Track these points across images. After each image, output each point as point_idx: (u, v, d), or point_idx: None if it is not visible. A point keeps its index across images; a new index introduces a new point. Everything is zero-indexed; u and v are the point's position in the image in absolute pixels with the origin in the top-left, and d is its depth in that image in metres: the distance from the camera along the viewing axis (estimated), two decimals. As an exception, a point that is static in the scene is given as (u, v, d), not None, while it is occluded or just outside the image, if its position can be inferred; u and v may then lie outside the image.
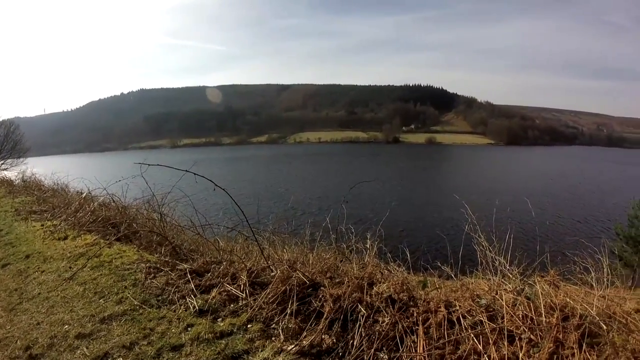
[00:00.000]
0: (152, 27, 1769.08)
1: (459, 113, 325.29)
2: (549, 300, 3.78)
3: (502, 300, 3.78)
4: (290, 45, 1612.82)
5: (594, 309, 3.90)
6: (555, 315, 3.58)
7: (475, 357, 3.24)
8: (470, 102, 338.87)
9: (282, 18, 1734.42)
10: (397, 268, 5.13)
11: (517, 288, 4.04)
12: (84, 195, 10.33)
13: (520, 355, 3.26)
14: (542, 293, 3.89)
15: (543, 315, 3.58)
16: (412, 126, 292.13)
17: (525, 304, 3.74)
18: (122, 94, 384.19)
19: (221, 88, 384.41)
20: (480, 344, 3.33)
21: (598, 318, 3.75)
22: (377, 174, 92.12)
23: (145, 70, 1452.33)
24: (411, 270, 5.45)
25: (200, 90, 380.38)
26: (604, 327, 3.68)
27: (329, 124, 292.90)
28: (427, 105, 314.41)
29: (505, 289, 4.03)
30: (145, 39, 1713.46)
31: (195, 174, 5.53)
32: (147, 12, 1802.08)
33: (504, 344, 3.36)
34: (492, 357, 3.23)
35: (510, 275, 4.42)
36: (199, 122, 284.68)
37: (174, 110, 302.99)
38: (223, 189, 5.25)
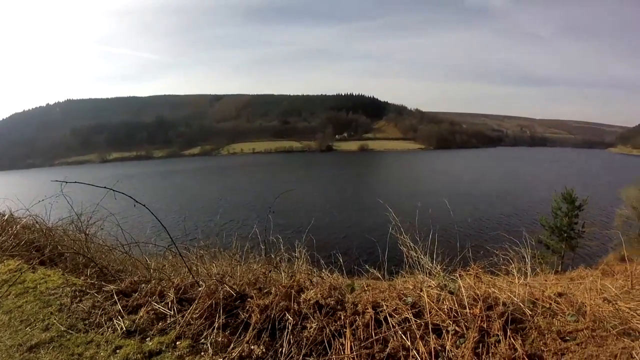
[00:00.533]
0: (81, 33, 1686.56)
1: (390, 120, 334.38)
2: (471, 293, 3.95)
3: (427, 296, 3.92)
4: (224, 54, 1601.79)
5: (518, 296, 4.13)
6: (478, 306, 3.73)
7: (404, 352, 3.34)
8: (400, 110, 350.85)
9: (217, 26, 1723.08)
10: (329, 274, 5.23)
11: (440, 284, 4.21)
12: (5, 217, 9.88)
13: (448, 346, 3.39)
14: (465, 286, 4.02)
15: (467, 307, 3.73)
16: (345, 134, 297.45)
17: (449, 298, 3.90)
18: (47, 104, 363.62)
19: (153, 98, 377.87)
20: (408, 340, 3.44)
21: (522, 305, 3.98)
22: (311, 182, 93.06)
23: (72, 79, 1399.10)
24: (344, 275, 5.56)
25: (131, 101, 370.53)
26: (529, 312, 3.91)
27: (263, 134, 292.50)
28: (359, 113, 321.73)
29: (429, 286, 4.18)
30: (73, 46, 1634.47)
31: (114, 190, 5.45)
32: (76, 17, 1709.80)
33: (431, 338, 3.48)
34: (420, 351, 3.34)
35: (434, 272, 4.61)
36: (129, 134, 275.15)
37: (103, 122, 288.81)
38: (143, 205, 5.16)
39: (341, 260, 5.85)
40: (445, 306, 3.81)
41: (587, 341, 3.75)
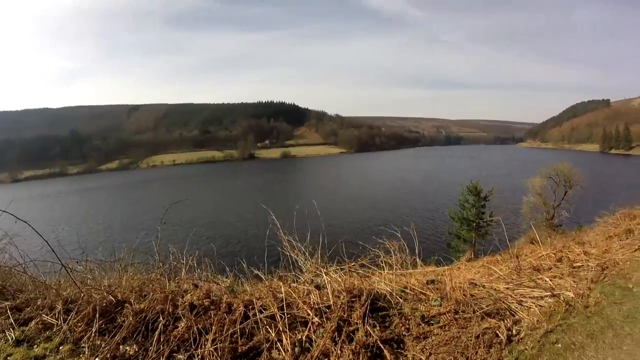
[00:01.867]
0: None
1: (311, 126, 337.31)
2: (337, 286, 4.30)
3: (295, 292, 4.31)
4: (142, 62, 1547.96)
5: (389, 286, 4.57)
6: (341, 298, 4.09)
7: (267, 344, 3.64)
8: (321, 116, 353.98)
9: (134, 32, 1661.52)
10: (216, 278, 5.57)
11: (309, 280, 4.63)
12: None
13: (313, 337, 3.70)
14: (332, 281, 4.43)
15: (331, 300, 4.09)
16: (267, 142, 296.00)
17: (316, 292, 4.26)
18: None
19: (66, 110, 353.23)
20: (273, 333, 3.73)
21: (390, 294, 4.40)
22: (229, 192, 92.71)
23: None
24: (239, 278, 6.01)
25: (44, 113, 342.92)
26: (397, 300, 4.34)
27: (183, 144, 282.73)
28: (281, 120, 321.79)
29: (301, 282, 4.60)
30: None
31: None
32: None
33: (298, 330, 3.81)
34: (284, 343, 3.62)
35: (306, 270, 5.02)
36: (42, 149, 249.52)
37: (12, 137, 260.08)
38: (25, 222, 5.42)
39: (236, 264, 6.28)
40: (312, 300, 4.17)
41: (450, 324, 4.13)
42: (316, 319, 3.91)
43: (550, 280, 5.59)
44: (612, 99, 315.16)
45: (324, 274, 4.63)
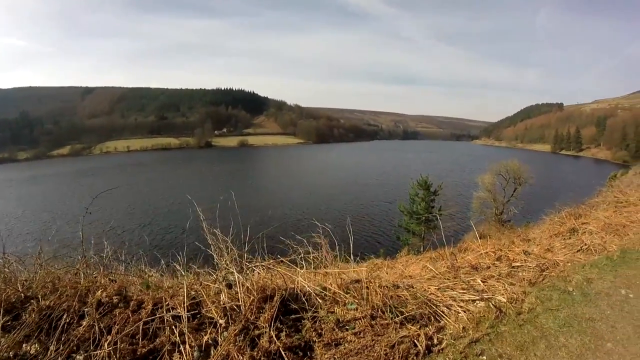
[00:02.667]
0: None
1: (270, 116, 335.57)
2: (248, 285, 4.14)
3: (206, 291, 4.14)
4: (98, 45, 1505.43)
5: (307, 285, 4.42)
6: (251, 299, 3.95)
7: (169, 347, 3.48)
8: (280, 105, 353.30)
9: (92, 13, 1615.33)
10: (146, 271, 5.47)
11: (219, 278, 4.42)
12: None
13: (219, 340, 3.54)
14: (245, 279, 4.29)
15: (240, 300, 3.93)
16: (225, 130, 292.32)
17: (226, 292, 4.09)
18: None
19: (16, 91, 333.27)
20: (176, 334, 3.58)
21: (312, 294, 4.28)
22: (182, 181, 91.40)
23: None
24: (163, 273, 5.68)
25: None
26: (310, 302, 4.21)
27: (139, 130, 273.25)
28: (239, 108, 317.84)
29: (213, 279, 4.44)
30: None
31: None
32: None
33: (204, 332, 3.65)
34: (187, 344, 3.49)
35: (222, 266, 4.76)
36: None
37: None
38: None
39: (171, 257, 5.97)
40: (222, 300, 3.99)
41: (365, 330, 3.96)
42: (222, 321, 3.79)
43: (485, 281, 5.45)
44: (565, 103, 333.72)
45: (235, 272, 4.39)
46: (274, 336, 3.59)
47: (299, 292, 4.34)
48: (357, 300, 4.37)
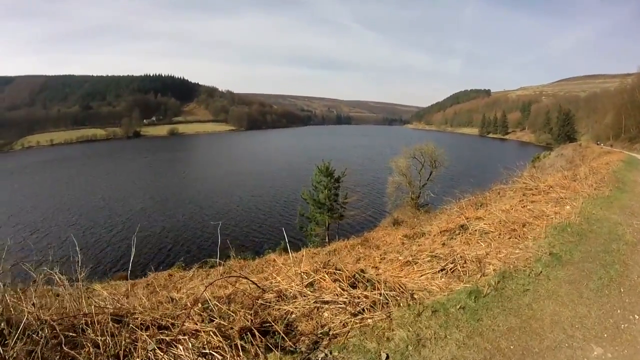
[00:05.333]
0: None
1: (200, 102, 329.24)
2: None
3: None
4: (12, 26, 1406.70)
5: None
6: None
7: None
8: (211, 92, 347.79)
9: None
10: None
11: None
12: None
13: None
14: None
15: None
16: (154, 118, 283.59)
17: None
18: None
19: None
20: None
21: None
22: (104, 176, 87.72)
23: None
24: None
25: None
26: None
27: (62, 122, 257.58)
28: (169, 96, 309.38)
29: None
30: None
31: None
32: None
33: None
34: None
35: None
36: None
37: None
38: None
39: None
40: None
41: None
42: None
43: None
44: (492, 90, 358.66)
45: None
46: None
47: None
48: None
